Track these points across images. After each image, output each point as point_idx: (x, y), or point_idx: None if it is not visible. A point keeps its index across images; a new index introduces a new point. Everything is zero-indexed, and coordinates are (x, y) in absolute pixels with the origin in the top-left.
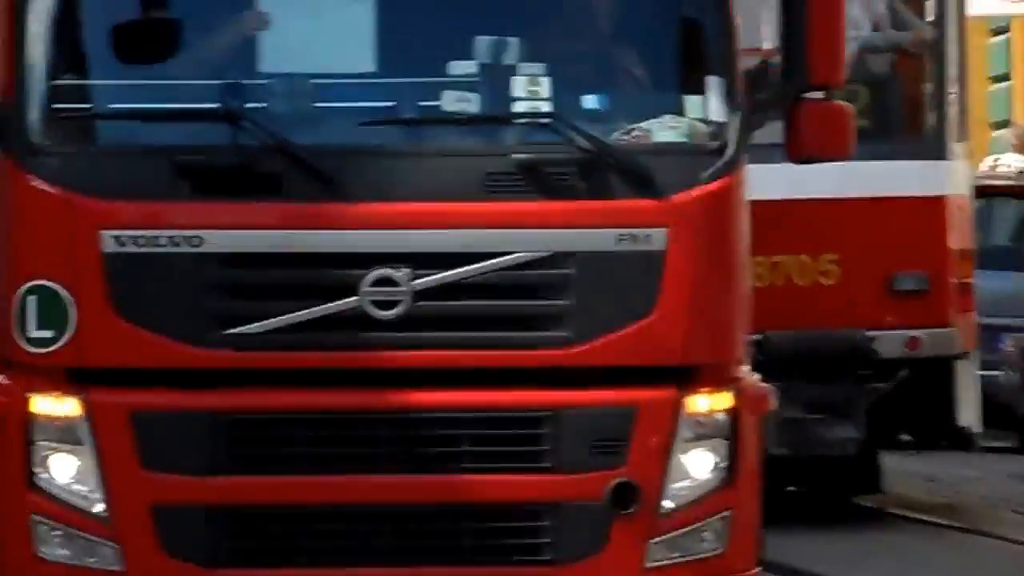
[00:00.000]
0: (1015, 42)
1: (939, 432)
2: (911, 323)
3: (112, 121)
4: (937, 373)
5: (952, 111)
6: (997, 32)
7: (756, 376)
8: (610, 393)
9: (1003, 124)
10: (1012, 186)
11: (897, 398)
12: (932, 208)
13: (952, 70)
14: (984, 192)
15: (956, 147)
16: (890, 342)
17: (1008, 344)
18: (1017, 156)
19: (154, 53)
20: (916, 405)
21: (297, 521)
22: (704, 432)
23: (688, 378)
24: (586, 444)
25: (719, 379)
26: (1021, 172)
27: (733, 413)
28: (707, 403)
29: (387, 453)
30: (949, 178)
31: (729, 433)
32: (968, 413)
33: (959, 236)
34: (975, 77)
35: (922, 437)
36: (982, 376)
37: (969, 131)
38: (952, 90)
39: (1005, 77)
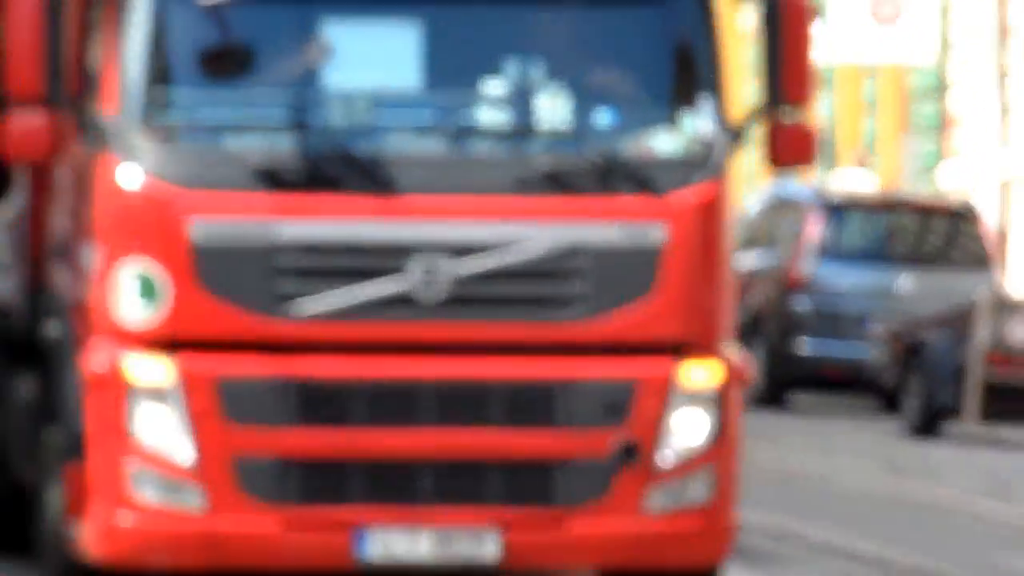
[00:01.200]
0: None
1: None
2: None
3: (202, 127)
4: None
5: None
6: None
7: (739, 351)
8: (616, 363)
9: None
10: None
11: None
12: None
13: None
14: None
15: None
16: None
17: (877, 328)
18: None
19: (237, 69)
20: None
21: (355, 467)
22: (695, 398)
23: (682, 352)
24: (594, 406)
25: (708, 353)
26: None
27: (720, 382)
28: (698, 373)
29: (428, 411)
30: None
31: (716, 399)
32: None
33: None
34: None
35: None
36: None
37: None
38: None
39: None
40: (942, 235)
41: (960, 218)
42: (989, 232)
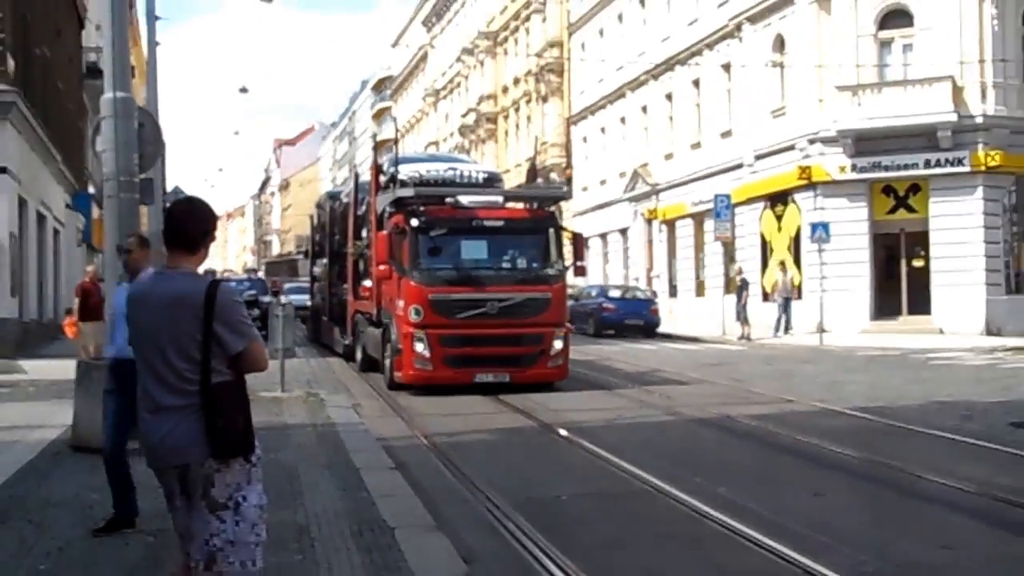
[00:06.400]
0: None
1: None
2: None
3: (427, 273)
4: None
5: None
6: None
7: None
8: (549, 325)
9: None
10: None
11: None
12: None
13: None
14: None
15: None
16: None
17: None
18: None
19: (438, 253)
20: None
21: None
22: (560, 336)
23: (558, 325)
24: (537, 341)
25: (562, 326)
26: None
27: (565, 332)
28: (560, 329)
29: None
30: None
31: (565, 336)
32: None
33: None
34: None
35: None
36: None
37: None
38: None
39: None
40: None
41: None
42: None
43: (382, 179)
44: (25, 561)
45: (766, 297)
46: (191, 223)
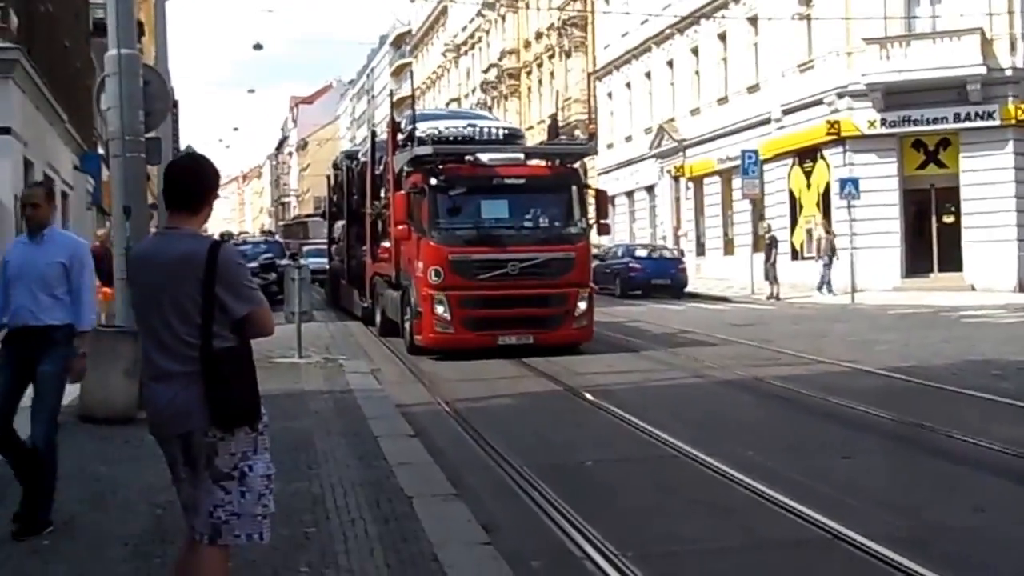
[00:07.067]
0: None
1: None
2: None
3: (446, 233)
4: None
5: None
6: None
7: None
8: (574, 285)
9: None
10: None
11: None
12: None
13: None
14: None
15: None
16: None
17: None
18: None
19: (458, 213)
20: None
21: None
22: (584, 296)
23: (582, 284)
24: (564, 300)
25: (587, 286)
26: None
27: (589, 291)
28: (584, 290)
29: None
30: None
31: (589, 295)
32: None
33: None
34: None
35: None
36: None
37: None
38: None
39: None
40: None
41: None
42: None
43: (400, 137)
44: (26, 537)
45: (795, 255)
46: (192, 181)
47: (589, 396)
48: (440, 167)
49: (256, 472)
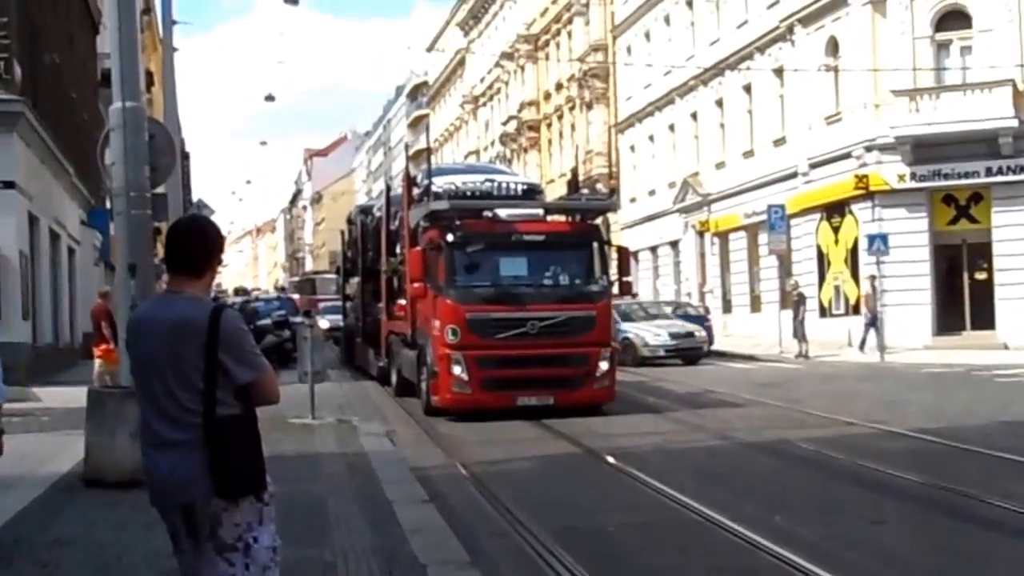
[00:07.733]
0: None
1: None
2: None
3: (463, 291)
4: None
5: None
6: None
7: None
8: (595, 345)
9: None
10: None
11: None
12: None
13: None
14: None
15: None
16: None
17: None
18: None
19: (475, 270)
20: None
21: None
22: (606, 355)
23: (603, 343)
24: (584, 362)
25: (607, 344)
26: None
27: (611, 351)
28: (606, 349)
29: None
30: None
31: (610, 356)
32: None
33: None
34: None
35: None
36: None
37: None
38: None
39: None
40: None
41: None
42: None
43: (415, 192)
44: None
45: (823, 312)
46: (195, 244)
47: (611, 459)
48: (457, 223)
49: (261, 544)
